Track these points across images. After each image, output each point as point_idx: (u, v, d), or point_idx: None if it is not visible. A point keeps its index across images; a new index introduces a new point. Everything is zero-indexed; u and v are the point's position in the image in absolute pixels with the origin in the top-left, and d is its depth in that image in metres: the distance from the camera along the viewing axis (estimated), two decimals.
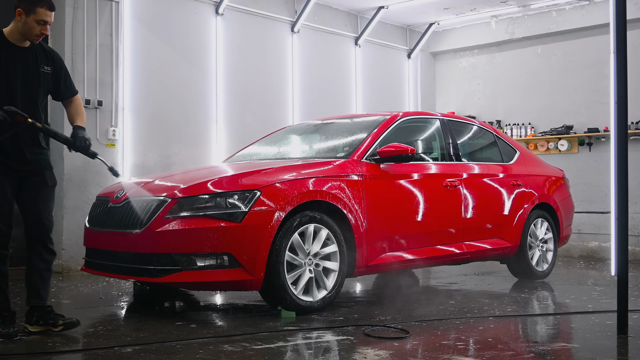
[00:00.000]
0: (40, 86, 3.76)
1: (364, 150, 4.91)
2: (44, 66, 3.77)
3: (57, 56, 3.88)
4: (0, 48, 3.65)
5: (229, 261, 4.07)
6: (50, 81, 3.82)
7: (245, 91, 8.14)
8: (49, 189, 3.86)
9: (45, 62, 3.78)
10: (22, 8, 3.65)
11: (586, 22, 8.98)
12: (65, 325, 3.73)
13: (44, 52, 3.81)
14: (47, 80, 3.80)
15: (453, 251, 5.37)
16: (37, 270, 3.85)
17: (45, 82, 3.79)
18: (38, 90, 3.75)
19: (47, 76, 3.79)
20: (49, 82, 3.81)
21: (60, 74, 3.87)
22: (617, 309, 3.71)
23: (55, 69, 3.84)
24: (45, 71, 3.77)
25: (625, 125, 3.70)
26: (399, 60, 10.26)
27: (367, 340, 3.57)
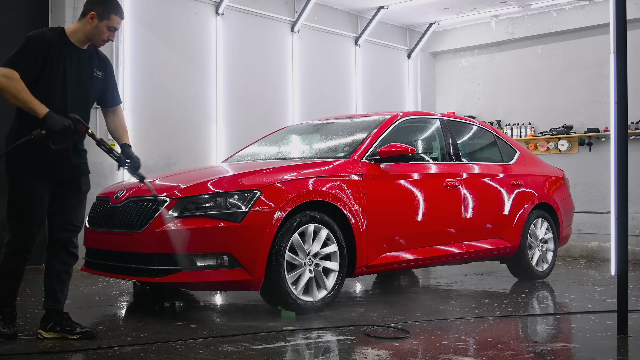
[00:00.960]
0: (92, 91, 3.70)
1: (364, 150, 4.91)
2: (97, 71, 3.70)
3: (108, 62, 3.83)
4: (61, 46, 3.58)
5: (229, 261, 4.07)
6: (100, 87, 3.76)
7: (245, 91, 8.14)
8: (82, 194, 3.79)
9: (98, 67, 3.72)
10: (96, 12, 3.57)
11: (586, 22, 8.98)
12: (83, 334, 3.60)
13: (98, 57, 3.75)
14: (99, 86, 3.74)
15: (453, 251, 5.37)
16: (56, 273, 3.76)
17: (96, 87, 3.73)
18: (90, 94, 3.69)
19: (99, 81, 3.73)
20: (99, 88, 3.75)
21: (111, 81, 3.82)
22: (617, 309, 3.71)
23: (107, 75, 3.78)
24: (97, 76, 3.71)
25: (625, 125, 3.70)
26: (399, 60, 10.26)
27: (367, 340, 3.57)
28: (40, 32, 3.67)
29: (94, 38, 3.62)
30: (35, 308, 4.59)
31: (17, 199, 3.59)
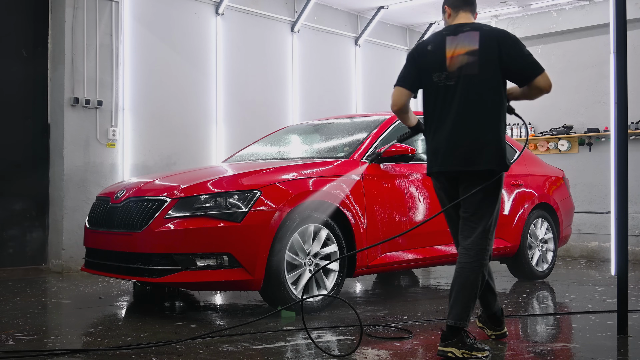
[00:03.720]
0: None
1: (364, 150, 4.91)
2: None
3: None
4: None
5: (229, 261, 4.07)
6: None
7: (245, 91, 8.14)
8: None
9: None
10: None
11: (586, 22, 8.98)
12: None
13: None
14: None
15: (453, 251, 5.37)
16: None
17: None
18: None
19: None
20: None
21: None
22: (617, 309, 3.71)
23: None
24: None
25: (625, 125, 3.70)
26: (399, 60, 10.25)
27: (367, 340, 3.57)
28: None
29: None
30: (35, 308, 4.60)
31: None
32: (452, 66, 3.30)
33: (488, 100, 3.27)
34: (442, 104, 3.33)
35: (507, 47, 3.27)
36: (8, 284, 5.73)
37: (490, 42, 3.27)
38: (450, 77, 3.30)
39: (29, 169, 6.81)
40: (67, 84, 6.69)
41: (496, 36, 3.30)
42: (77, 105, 6.72)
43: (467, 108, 3.27)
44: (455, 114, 3.28)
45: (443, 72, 3.32)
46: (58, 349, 3.38)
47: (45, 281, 6.02)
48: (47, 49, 6.88)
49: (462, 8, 3.51)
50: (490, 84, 3.28)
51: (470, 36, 3.32)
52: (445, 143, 3.30)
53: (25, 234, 6.78)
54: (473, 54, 3.28)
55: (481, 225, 3.29)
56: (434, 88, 3.36)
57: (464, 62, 3.29)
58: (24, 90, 6.82)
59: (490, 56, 3.26)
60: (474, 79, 3.27)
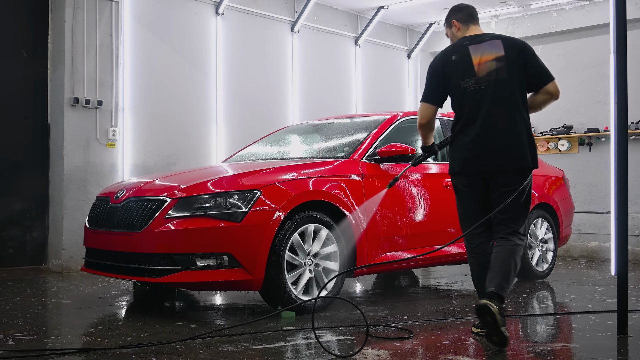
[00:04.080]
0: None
1: (364, 150, 4.92)
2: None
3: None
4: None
5: (229, 261, 4.08)
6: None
7: (245, 91, 8.14)
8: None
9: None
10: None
11: (586, 22, 8.97)
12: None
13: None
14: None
15: (453, 251, 5.37)
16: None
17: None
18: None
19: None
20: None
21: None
22: (617, 309, 3.71)
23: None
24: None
25: (625, 125, 3.70)
26: (399, 60, 10.26)
27: (368, 340, 3.56)
28: None
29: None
30: (35, 308, 4.60)
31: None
32: (481, 72, 3.57)
33: (519, 101, 3.56)
34: (474, 107, 3.56)
35: (526, 53, 3.62)
36: (8, 284, 5.74)
37: (513, 48, 3.60)
38: (480, 81, 3.57)
39: (29, 169, 6.81)
40: (67, 84, 6.69)
41: (517, 43, 3.65)
42: (77, 105, 6.72)
43: (500, 110, 3.53)
44: (489, 116, 3.52)
45: (472, 78, 3.58)
46: (58, 348, 3.38)
47: (45, 281, 6.02)
48: (47, 49, 6.88)
49: (471, 22, 3.81)
50: (518, 86, 3.57)
51: (494, 44, 3.62)
52: (483, 143, 3.52)
53: (25, 234, 6.78)
54: (501, 59, 3.57)
55: (525, 215, 3.61)
56: (463, 93, 3.60)
57: (493, 67, 3.56)
58: (24, 90, 6.82)
59: (516, 61, 3.57)
60: (504, 82, 3.55)
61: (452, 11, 3.87)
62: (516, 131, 3.53)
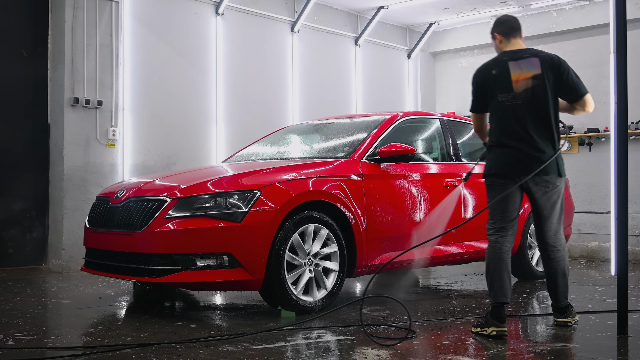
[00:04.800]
0: None
1: (364, 150, 4.92)
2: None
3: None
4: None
5: (229, 261, 4.07)
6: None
7: (245, 91, 8.14)
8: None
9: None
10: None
11: (586, 22, 8.98)
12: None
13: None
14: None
15: (453, 251, 5.37)
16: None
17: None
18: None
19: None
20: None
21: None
22: (617, 309, 3.71)
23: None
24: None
25: (625, 125, 3.70)
26: (399, 60, 10.26)
27: (367, 340, 3.57)
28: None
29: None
30: (35, 308, 4.60)
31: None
32: (518, 88, 3.83)
33: (552, 116, 3.86)
34: (511, 121, 3.83)
35: (562, 70, 3.85)
36: (8, 284, 5.74)
37: (549, 67, 3.84)
38: (516, 97, 3.82)
39: (29, 169, 6.81)
40: (67, 84, 6.69)
41: (553, 61, 3.87)
42: (77, 105, 6.72)
43: (536, 124, 3.82)
44: (525, 130, 3.81)
45: (510, 93, 3.84)
46: (59, 346, 3.38)
47: (45, 281, 6.02)
48: (47, 49, 6.88)
49: (512, 35, 4.03)
50: (552, 102, 3.85)
51: (531, 62, 3.86)
52: (520, 155, 3.81)
53: (25, 234, 6.78)
54: (537, 77, 3.82)
55: (560, 223, 3.98)
56: (501, 107, 3.87)
57: (529, 85, 3.81)
58: (24, 90, 6.82)
59: (551, 79, 3.83)
60: (539, 99, 3.82)
61: (496, 24, 4.11)
62: (551, 146, 3.87)
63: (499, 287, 3.72)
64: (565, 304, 3.96)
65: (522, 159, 3.80)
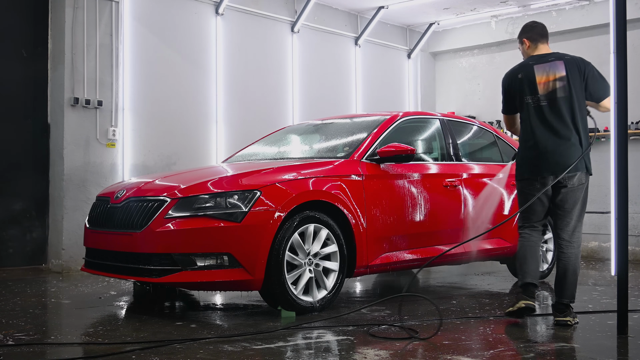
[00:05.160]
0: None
1: (364, 150, 4.91)
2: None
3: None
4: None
5: (229, 261, 4.08)
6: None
7: (245, 91, 8.14)
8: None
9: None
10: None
11: (586, 22, 8.97)
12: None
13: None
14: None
15: (453, 251, 5.37)
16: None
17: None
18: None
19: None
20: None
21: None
22: (617, 309, 3.71)
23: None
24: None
25: (625, 125, 3.71)
26: (399, 60, 10.26)
27: (367, 340, 3.57)
28: None
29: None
30: (35, 308, 4.60)
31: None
32: (543, 90, 4.06)
33: (577, 116, 4.06)
34: (538, 121, 4.06)
35: (587, 71, 4.07)
36: (8, 284, 5.74)
37: (574, 69, 4.05)
38: (542, 98, 4.06)
39: (29, 169, 6.81)
40: (67, 84, 6.69)
41: (578, 63, 4.09)
42: (77, 105, 6.72)
43: (561, 124, 4.03)
44: (551, 130, 4.03)
45: (535, 95, 4.08)
46: (57, 348, 3.38)
47: (45, 281, 6.02)
48: (47, 49, 6.88)
49: (540, 41, 4.25)
50: (577, 102, 4.05)
51: (556, 65, 4.08)
52: (547, 154, 4.02)
53: (25, 234, 6.78)
54: (562, 79, 4.04)
55: (579, 220, 4.09)
56: (528, 108, 4.11)
57: (555, 86, 4.04)
58: (24, 90, 6.82)
59: (576, 80, 4.04)
60: (565, 100, 4.03)
61: (524, 29, 4.32)
62: (580, 145, 4.09)
63: (526, 269, 4.06)
64: (568, 302, 4.00)
65: (549, 158, 4.01)
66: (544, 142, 4.03)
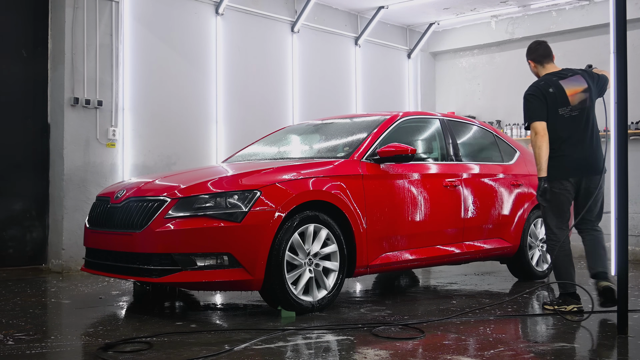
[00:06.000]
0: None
1: (364, 150, 4.91)
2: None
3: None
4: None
5: (229, 261, 4.08)
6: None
7: (245, 91, 8.14)
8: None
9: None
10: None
11: (586, 22, 8.97)
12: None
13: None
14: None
15: (453, 251, 5.38)
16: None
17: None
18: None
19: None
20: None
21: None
22: (617, 309, 3.71)
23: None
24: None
25: (625, 125, 3.70)
26: (399, 60, 10.26)
27: (367, 340, 3.57)
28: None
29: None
30: (35, 308, 4.60)
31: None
32: (574, 102, 4.46)
33: (596, 122, 4.54)
34: (572, 130, 4.43)
35: (602, 82, 4.57)
36: (8, 284, 5.74)
37: (591, 80, 4.52)
38: (573, 109, 4.46)
39: (29, 169, 6.81)
40: (67, 84, 6.69)
41: (592, 75, 4.57)
42: (77, 105, 6.72)
43: (590, 131, 4.47)
44: (584, 136, 4.44)
45: (568, 107, 4.45)
46: (57, 348, 3.37)
47: (45, 281, 6.02)
48: (47, 49, 6.88)
49: (544, 62, 4.69)
50: (594, 111, 4.52)
51: (577, 79, 4.51)
52: (582, 158, 4.42)
53: (25, 234, 6.78)
54: (586, 91, 4.48)
55: (602, 210, 4.54)
56: (560, 119, 4.45)
57: (582, 98, 4.46)
58: (24, 90, 6.82)
59: (594, 90, 4.51)
60: (589, 109, 4.49)
61: (528, 50, 4.80)
62: (598, 146, 4.48)
63: (572, 279, 4.53)
64: (603, 271, 4.37)
65: (583, 162, 4.42)
66: (579, 149, 4.42)
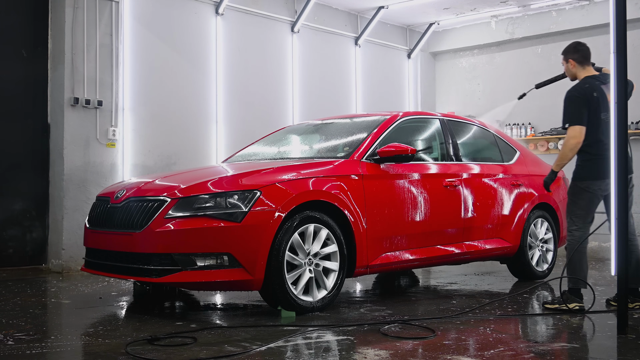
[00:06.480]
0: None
1: (364, 150, 4.91)
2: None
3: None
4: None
5: (229, 261, 4.08)
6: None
7: (245, 91, 8.14)
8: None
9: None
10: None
11: (586, 22, 8.98)
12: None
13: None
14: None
15: (453, 251, 5.37)
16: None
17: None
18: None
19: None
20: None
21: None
22: (617, 309, 3.71)
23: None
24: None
25: (625, 125, 3.71)
26: (399, 60, 10.26)
27: (368, 339, 3.57)
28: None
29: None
30: (35, 308, 4.60)
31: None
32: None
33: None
34: (609, 134, 4.28)
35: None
36: (8, 284, 5.74)
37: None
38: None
39: (29, 169, 6.81)
40: (67, 84, 6.69)
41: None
42: (77, 105, 6.72)
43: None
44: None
45: (608, 112, 4.42)
46: (57, 348, 3.37)
47: (45, 281, 6.02)
48: (47, 49, 6.88)
49: (585, 63, 4.74)
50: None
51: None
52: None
53: (25, 234, 6.78)
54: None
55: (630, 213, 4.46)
56: (601, 123, 4.50)
57: None
58: (24, 90, 6.82)
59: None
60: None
61: (571, 49, 4.80)
62: (630, 150, 4.46)
63: (585, 274, 4.59)
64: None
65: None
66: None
